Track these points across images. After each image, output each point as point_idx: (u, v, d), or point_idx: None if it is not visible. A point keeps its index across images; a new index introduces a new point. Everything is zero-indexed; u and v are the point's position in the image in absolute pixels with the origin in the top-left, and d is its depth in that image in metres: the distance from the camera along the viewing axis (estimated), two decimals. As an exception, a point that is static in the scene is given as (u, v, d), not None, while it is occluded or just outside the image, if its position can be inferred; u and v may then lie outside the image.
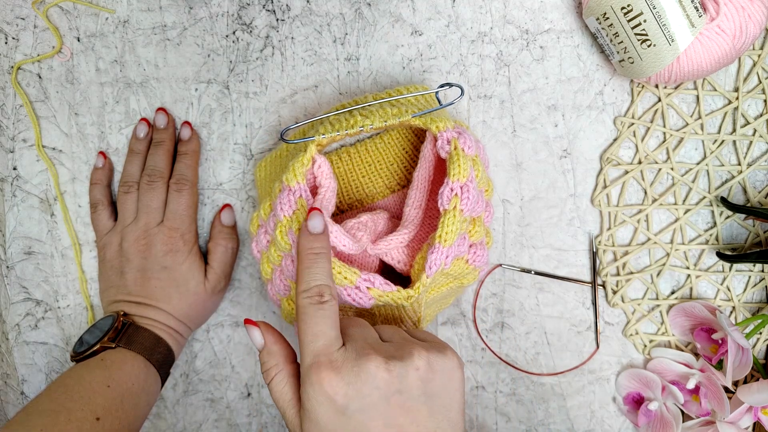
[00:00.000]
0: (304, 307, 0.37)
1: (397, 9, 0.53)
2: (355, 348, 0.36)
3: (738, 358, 0.51)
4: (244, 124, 0.55)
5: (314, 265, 0.39)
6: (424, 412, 0.36)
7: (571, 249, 0.56)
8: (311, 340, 0.36)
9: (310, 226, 0.40)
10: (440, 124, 0.44)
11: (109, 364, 0.48)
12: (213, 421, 0.58)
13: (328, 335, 0.36)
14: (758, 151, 0.54)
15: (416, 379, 0.36)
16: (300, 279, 0.39)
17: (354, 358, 0.36)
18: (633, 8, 0.46)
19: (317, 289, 0.38)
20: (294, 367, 0.39)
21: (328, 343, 0.36)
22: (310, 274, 0.38)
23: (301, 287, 0.38)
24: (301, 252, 0.39)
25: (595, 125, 0.54)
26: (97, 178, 0.55)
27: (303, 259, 0.39)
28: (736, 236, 0.55)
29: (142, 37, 0.54)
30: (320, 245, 0.40)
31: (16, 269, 0.57)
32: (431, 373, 0.37)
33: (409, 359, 0.36)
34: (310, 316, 0.37)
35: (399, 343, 0.38)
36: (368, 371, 0.35)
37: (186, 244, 0.53)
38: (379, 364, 0.35)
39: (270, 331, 0.40)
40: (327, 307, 0.37)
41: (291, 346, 0.40)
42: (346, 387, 0.35)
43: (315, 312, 0.37)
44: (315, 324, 0.37)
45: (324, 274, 0.39)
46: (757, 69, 0.52)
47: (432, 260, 0.42)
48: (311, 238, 0.40)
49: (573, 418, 0.57)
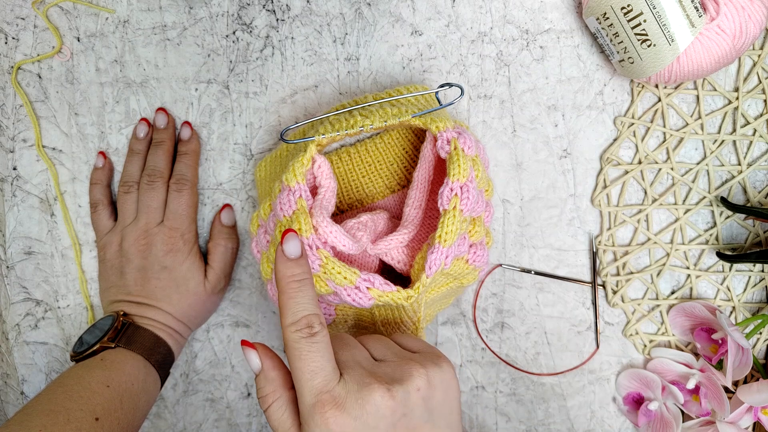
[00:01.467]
0: (296, 341, 0.35)
1: (397, 9, 0.53)
2: (354, 378, 0.35)
3: (738, 358, 0.51)
4: (244, 124, 0.55)
5: (298, 294, 0.36)
6: (427, 428, 0.36)
7: (571, 249, 0.56)
8: (309, 378, 0.35)
9: (286, 251, 0.37)
10: (440, 124, 0.44)
11: (108, 364, 0.48)
12: (213, 421, 0.58)
13: (325, 370, 0.35)
14: (758, 151, 0.54)
15: (418, 399, 0.36)
16: (285, 311, 0.36)
17: (356, 390, 0.35)
18: (633, 8, 0.46)
19: (305, 321, 0.36)
20: (292, 394, 0.37)
21: (327, 379, 0.35)
22: (296, 305, 0.36)
23: (288, 320, 0.36)
24: (281, 281, 0.37)
25: (595, 125, 0.54)
26: (97, 178, 0.55)
27: (285, 289, 0.37)
28: (736, 236, 0.55)
29: (142, 37, 0.54)
30: (301, 271, 0.37)
31: (16, 269, 0.57)
32: (431, 389, 0.37)
33: (410, 381, 0.36)
34: (303, 352, 0.35)
35: (395, 363, 0.37)
36: (373, 402, 0.34)
37: (186, 244, 0.53)
38: (384, 394, 0.35)
39: (268, 355, 0.38)
40: (319, 339, 0.36)
41: (289, 371, 0.38)
42: (353, 422, 0.34)
43: (308, 347, 0.35)
44: (310, 360, 0.35)
45: (310, 303, 0.37)
46: (757, 69, 0.52)
47: (432, 260, 0.42)
48: (290, 264, 0.37)
49: (573, 418, 0.57)
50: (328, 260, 0.42)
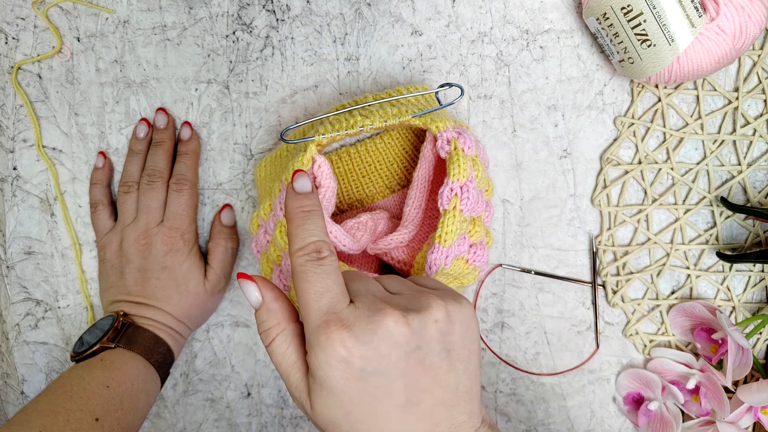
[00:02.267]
0: (302, 265, 0.33)
1: (397, 9, 0.53)
2: (365, 303, 0.32)
3: (738, 358, 0.51)
4: (244, 124, 0.55)
5: (307, 221, 0.35)
6: (443, 367, 0.33)
7: (571, 249, 0.56)
8: (315, 299, 0.32)
9: (297, 187, 0.36)
10: (440, 124, 0.44)
11: (108, 365, 0.48)
12: (213, 421, 0.58)
13: (333, 291, 0.32)
14: (758, 151, 0.54)
15: (436, 332, 0.32)
16: (293, 238, 0.34)
17: (367, 314, 0.31)
18: (633, 8, 0.46)
19: (314, 246, 0.34)
20: (297, 327, 0.35)
21: (335, 300, 0.32)
22: (304, 232, 0.34)
23: (296, 246, 0.34)
24: (291, 212, 0.35)
25: (595, 125, 0.54)
26: (97, 178, 0.55)
27: (293, 218, 0.35)
28: (736, 236, 0.55)
29: (142, 37, 0.54)
30: (310, 203, 0.35)
31: (16, 269, 0.57)
32: (450, 324, 0.33)
33: (427, 311, 0.32)
34: (310, 274, 0.33)
35: (411, 294, 0.34)
36: (386, 327, 0.31)
37: (186, 244, 0.53)
38: (398, 319, 0.31)
39: (268, 287, 0.35)
40: (327, 263, 0.33)
41: (293, 304, 0.36)
42: (362, 347, 0.31)
43: (315, 269, 0.33)
44: (317, 281, 0.32)
45: (319, 230, 0.34)
46: (757, 69, 0.52)
47: (432, 260, 0.42)
48: (300, 197, 0.36)
49: (573, 418, 0.57)
50: (328, 260, 0.42)
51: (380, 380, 0.31)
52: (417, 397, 0.32)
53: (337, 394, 0.31)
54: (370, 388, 0.31)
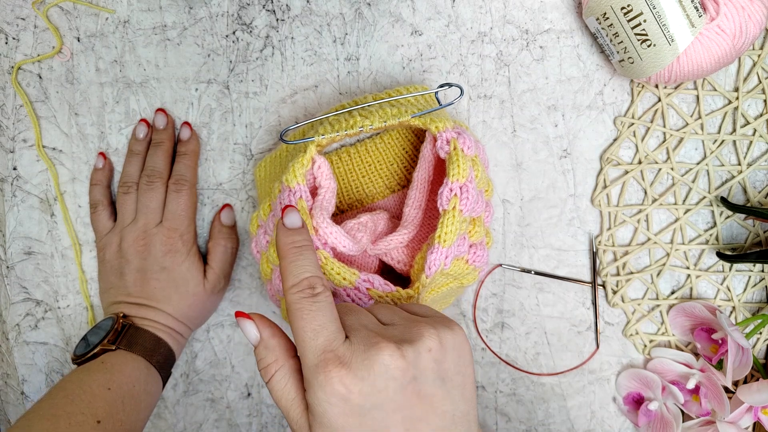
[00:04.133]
0: (297, 302, 0.34)
1: (397, 9, 0.53)
2: (360, 338, 0.33)
3: (738, 358, 0.51)
4: (244, 124, 0.55)
5: (299, 257, 0.35)
6: (439, 395, 0.33)
7: (571, 249, 0.56)
8: (312, 337, 0.33)
9: (287, 223, 0.37)
10: (440, 124, 0.44)
11: (109, 367, 0.48)
12: (213, 421, 0.58)
13: (328, 329, 0.33)
14: (758, 151, 0.54)
15: (430, 361, 0.33)
16: (286, 275, 0.35)
17: (363, 350, 0.32)
18: (633, 8, 0.46)
19: (307, 282, 0.34)
20: (295, 362, 0.35)
21: (331, 338, 0.33)
22: (298, 268, 0.35)
23: (289, 282, 0.35)
24: (282, 248, 0.36)
25: (595, 125, 0.54)
26: (97, 179, 0.55)
27: (286, 254, 0.36)
28: (736, 236, 0.55)
29: (142, 37, 0.54)
30: (301, 238, 0.36)
31: (16, 269, 0.57)
32: (443, 352, 0.34)
33: (420, 341, 0.33)
34: (305, 312, 0.33)
35: (404, 325, 0.35)
36: (381, 362, 0.32)
37: (185, 245, 0.53)
38: (393, 352, 0.32)
39: (266, 324, 0.36)
40: (321, 299, 0.34)
41: (290, 340, 0.37)
42: (360, 383, 0.32)
43: (309, 306, 0.33)
44: (312, 319, 0.33)
45: (312, 266, 0.35)
46: (757, 69, 0.52)
47: (431, 260, 0.42)
48: (291, 232, 0.36)
49: (573, 418, 0.57)
50: (327, 261, 0.42)
51: (378, 414, 0.32)
52: (415, 427, 0.33)
53: (337, 430, 0.32)
54: (369, 422, 0.32)
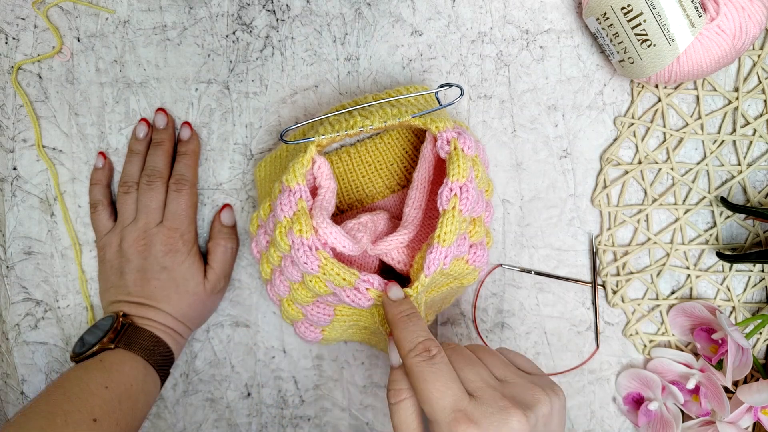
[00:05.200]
0: (417, 365, 0.37)
1: (397, 9, 0.53)
2: (487, 400, 0.36)
3: (738, 358, 0.51)
4: (244, 124, 0.55)
5: (410, 325, 0.39)
6: None
7: (571, 249, 0.56)
8: (439, 398, 0.36)
9: (392, 296, 0.41)
10: (440, 124, 0.44)
11: (107, 366, 0.48)
12: (213, 421, 0.58)
13: (453, 389, 0.36)
14: (758, 151, 0.54)
15: (542, 425, 0.37)
16: (402, 343, 0.39)
17: (492, 412, 0.36)
18: (633, 8, 0.46)
19: (423, 346, 0.38)
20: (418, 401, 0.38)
21: (457, 398, 0.36)
22: (411, 334, 0.39)
23: (406, 348, 0.38)
24: (393, 318, 0.40)
25: (595, 125, 0.54)
26: (97, 179, 0.55)
27: (397, 323, 0.40)
28: (736, 236, 0.55)
29: (142, 37, 0.54)
30: (408, 307, 0.41)
31: (16, 269, 0.57)
32: (551, 416, 0.38)
33: (538, 406, 0.37)
34: (427, 374, 0.37)
35: (519, 384, 0.38)
36: (511, 426, 0.35)
37: (185, 245, 0.53)
38: (521, 419, 0.36)
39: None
40: (439, 360, 0.37)
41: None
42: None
43: (430, 368, 0.37)
44: (436, 380, 0.36)
45: (424, 331, 0.39)
46: (757, 69, 0.52)
47: (430, 260, 0.42)
48: (396, 303, 0.41)
49: (573, 418, 0.57)
50: (327, 261, 0.42)
51: None
52: None
53: None
54: None
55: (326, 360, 0.58)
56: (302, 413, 0.58)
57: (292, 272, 0.44)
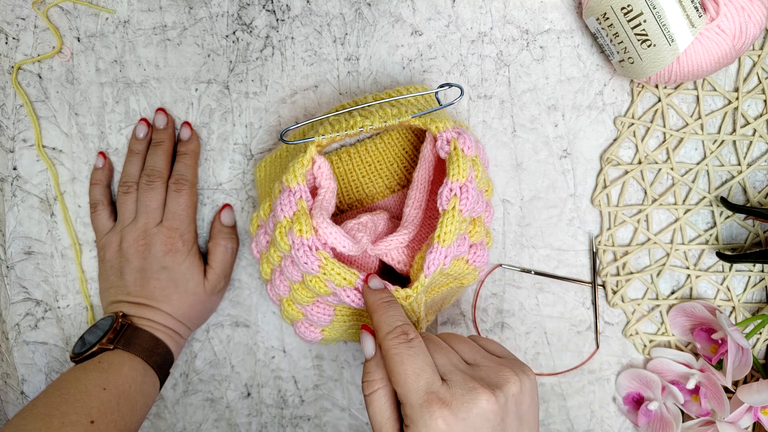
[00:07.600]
0: (395, 347, 0.38)
1: (397, 9, 0.53)
2: (458, 382, 0.37)
3: (738, 358, 0.51)
4: (244, 124, 0.55)
5: (389, 310, 0.40)
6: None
7: (571, 249, 0.56)
8: (414, 380, 0.37)
9: (372, 285, 0.42)
10: (440, 124, 0.44)
11: (106, 367, 0.48)
12: (213, 421, 0.58)
13: (427, 372, 0.37)
14: (758, 151, 0.54)
15: (513, 405, 0.38)
16: (380, 325, 0.40)
17: (462, 393, 0.37)
18: (633, 8, 0.46)
19: (401, 329, 0.39)
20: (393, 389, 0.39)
21: (431, 380, 0.37)
22: (389, 318, 0.40)
23: (384, 331, 0.39)
24: (372, 304, 0.41)
25: (595, 125, 0.54)
26: (97, 179, 0.55)
27: (376, 308, 0.41)
28: (736, 236, 0.55)
29: (142, 37, 0.54)
30: (386, 294, 0.42)
31: (16, 269, 0.57)
32: (522, 395, 0.39)
33: (507, 386, 0.38)
34: (404, 356, 0.38)
35: (489, 367, 0.39)
36: (480, 406, 0.36)
37: (185, 245, 0.53)
38: (489, 398, 0.37)
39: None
40: (416, 344, 0.38)
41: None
42: (461, 423, 0.36)
43: (407, 351, 0.38)
44: (412, 362, 0.37)
45: (402, 316, 0.40)
46: (757, 69, 0.52)
47: (430, 260, 0.42)
48: (376, 291, 0.42)
49: (573, 418, 0.57)
50: (327, 261, 0.42)
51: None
52: None
53: None
54: None
55: (326, 360, 0.58)
56: (302, 413, 0.58)
57: (292, 272, 0.44)
